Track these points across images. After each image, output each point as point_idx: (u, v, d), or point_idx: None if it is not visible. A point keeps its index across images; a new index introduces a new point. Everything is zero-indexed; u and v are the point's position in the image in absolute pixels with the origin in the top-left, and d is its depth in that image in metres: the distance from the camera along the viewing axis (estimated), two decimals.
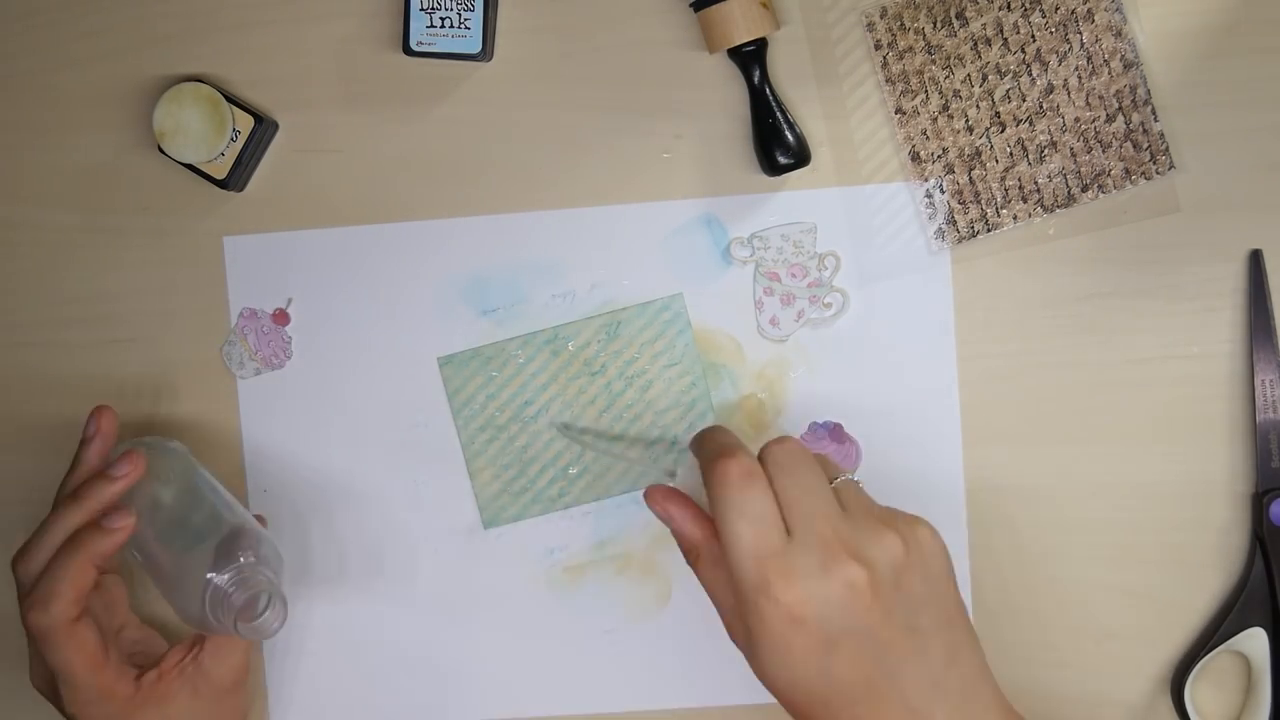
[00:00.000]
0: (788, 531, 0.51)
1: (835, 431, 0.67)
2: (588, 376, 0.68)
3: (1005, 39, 0.65)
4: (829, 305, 0.67)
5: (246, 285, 0.69)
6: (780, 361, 0.68)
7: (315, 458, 0.70)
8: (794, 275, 0.67)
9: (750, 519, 0.51)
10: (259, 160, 0.68)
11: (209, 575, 0.59)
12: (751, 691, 0.68)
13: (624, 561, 0.69)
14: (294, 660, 0.70)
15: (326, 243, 0.69)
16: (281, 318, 0.69)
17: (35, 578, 0.60)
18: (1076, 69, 0.65)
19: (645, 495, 0.57)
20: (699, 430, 0.57)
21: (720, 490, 0.52)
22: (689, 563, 0.56)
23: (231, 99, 0.66)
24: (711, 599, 0.55)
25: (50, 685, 0.62)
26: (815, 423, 0.68)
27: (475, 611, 0.70)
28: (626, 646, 0.69)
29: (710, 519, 0.55)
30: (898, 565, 0.51)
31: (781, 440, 0.54)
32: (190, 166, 0.67)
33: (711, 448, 0.54)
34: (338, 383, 0.69)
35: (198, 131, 0.65)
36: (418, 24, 0.65)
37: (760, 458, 0.53)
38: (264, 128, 0.67)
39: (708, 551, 0.55)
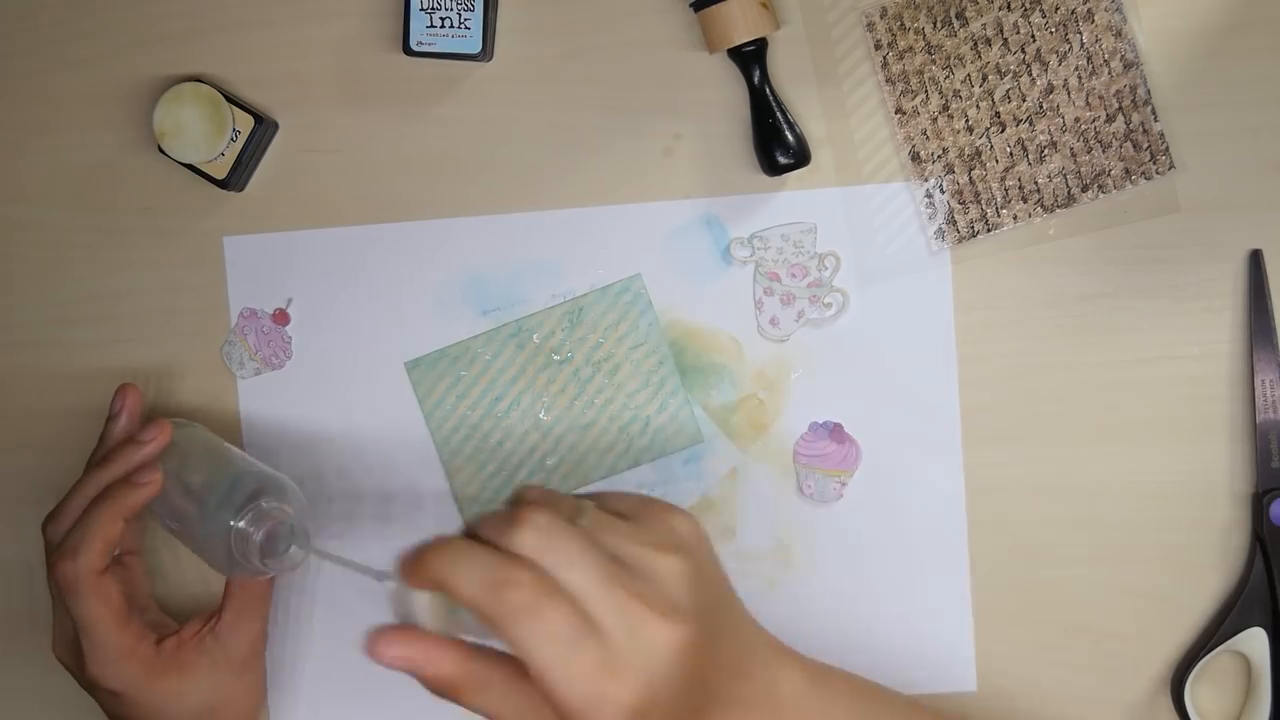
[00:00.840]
0: (590, 621, 0.45)
1: (835, 432, 0.67)
2: (555, 366, 0.68)
3: (1005, 39, 0.65)
4: (829, 305, 0.67)
5: (246, 285, 0.69)
6: (780, 361, 0.68)
7: (315, 457, 0.70)
8: (794, 275, 0.67)
9: (556, 641, 0.45)
10: (259, 160, 0.68)
11: (233, 523, 0.60)
12: None
13: None
14: (294, 662, 0.70)
15: (326, 243, 0.69)
16: (281, 318, 0.69)
17: (64, 534, 0.62)
18: (1076, 69, 0.65)
19: (372, 651, 0.47)
20: (412, 551, 0.48)
21: (511, 625, 0.45)
22: (456, 699, 0.48)
23: (231, 99, 0.66)
24: None
25: (73, 649, 0.63)
26: (815, 422, 0.68)
27: None
28: None
29: (455, 643, 0.48)
30: (688, 580, 0.47)
31: (525, 517, 0.46)
32: (190, 166, 0.67)
33: (476, 575, 0.46)
34: (337, 383, 0.69)
35: (198, 131, 0.65)
36: (418, 24, 0.65)
37: (515, 541, 0.46)
38: (264, 128, 0.67)
39: (475, 680, 0.47)
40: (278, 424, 0.69)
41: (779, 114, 0.65)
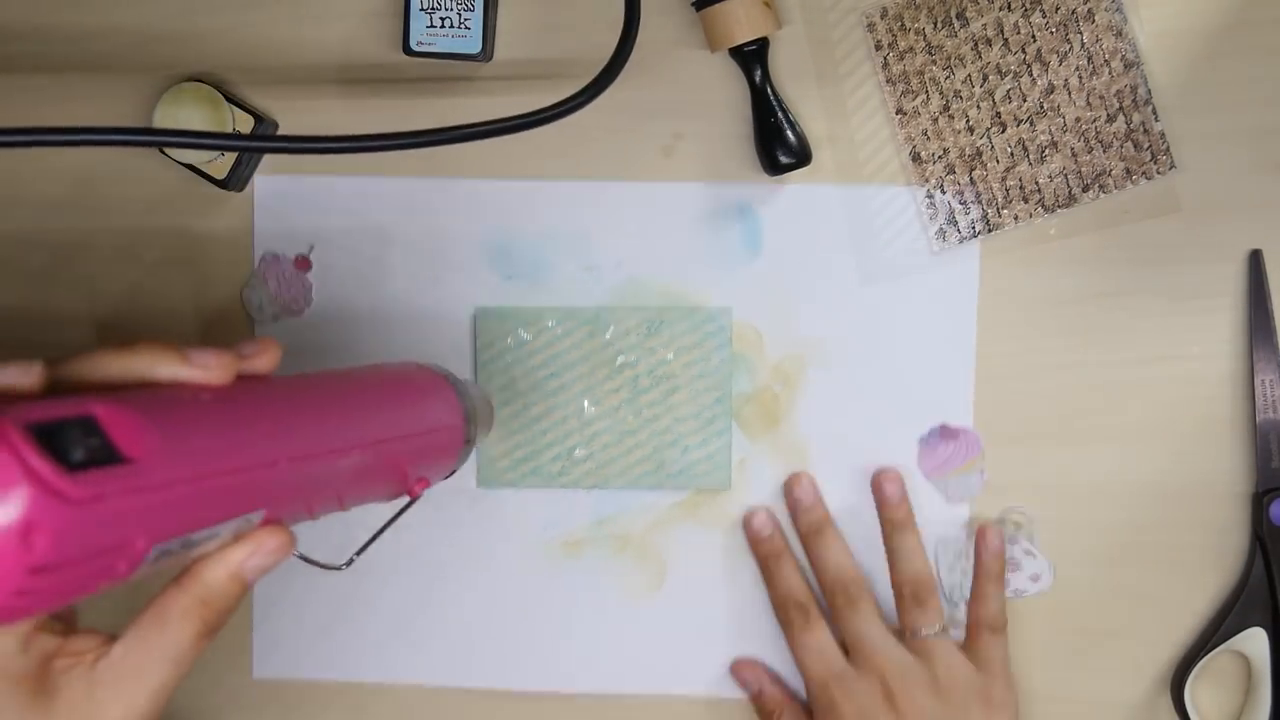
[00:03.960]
0: (848, 660, 0.64)
1: (944, 432, 0.67)
2: (615, 364, 0.68)
3: (1006, 39, 0.65)
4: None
5: (272, 229, 0.69)
6: (798, 358, 0.67)
7: None
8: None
9: (815, 652, 0.64)
10: (259, 160, 0.68)
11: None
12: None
13: (622, 542, 0.69)
14: (280, 607, 0.70)
15: (357, 191, 0.68)
16: (303, 264, 0.69)
17: None
18: (1077, 69, 0.65)
19: (733, 666, 0.68)
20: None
21: (787, 630, 0.66)
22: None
23: (231, 99, 0.66)
24: None
25: None
26: (921, 436, 0.67)
27: (467, 577, 0.69)
28: (617, 627, 0.69)
29: (784, 686, 0.68)
30: (940, 710, 0.62)
31: (841, 579, 0.65)
32: (190, 166, 0.67)
33: (779, 593, 0.66)
34: (355, 332, 0.69)
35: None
36: (418, 24, 0.65)
37: (825, 589, 0.66)
38: (264, 128, 0.67)
39: (788, 713, 0.66)
40: (293, 370, 0.69)
41: (780, 113, 0.65)
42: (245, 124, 0.66)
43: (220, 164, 0.66)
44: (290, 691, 0.70)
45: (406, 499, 0.52)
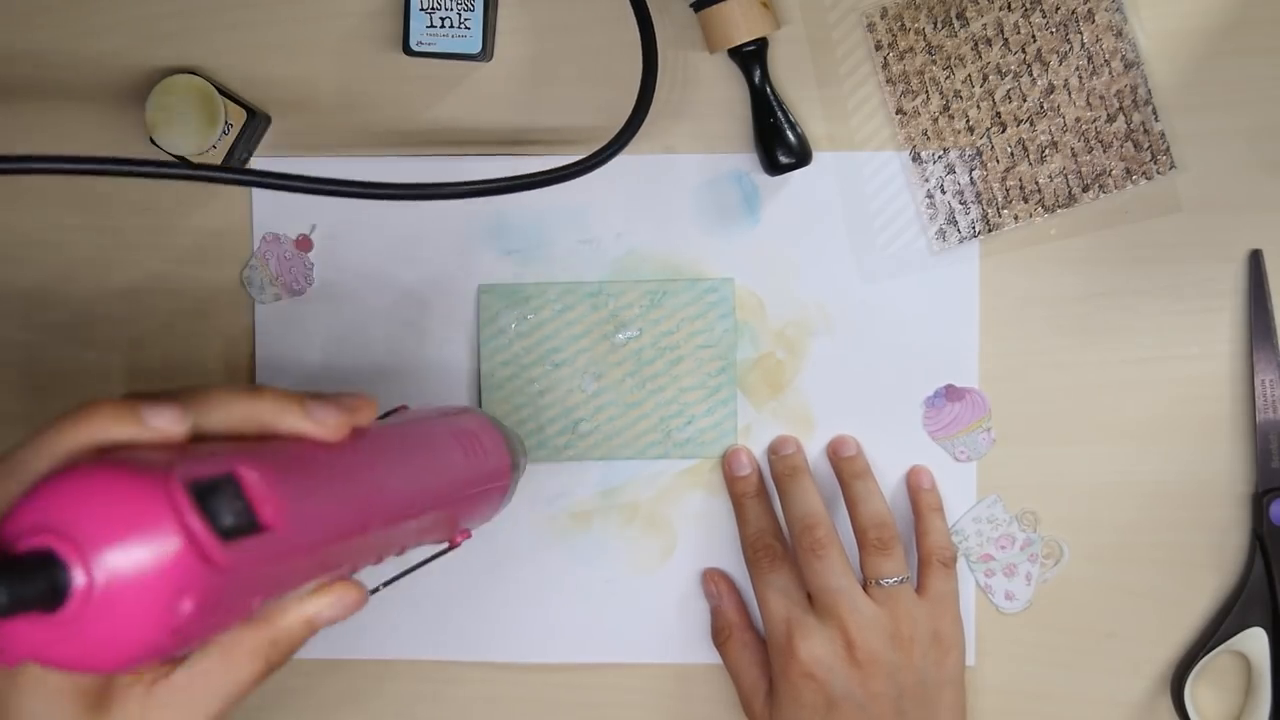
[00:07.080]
0: (811, 604, 0.63)
1: (950, 392, 0.67)
2: (620, 337, 0.68)
3: (1006, 39, 0.65)
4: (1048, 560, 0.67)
5: (271, 210, 0.68)
6: (801, 324, 0.67)
7: (330, 384, 0.68)
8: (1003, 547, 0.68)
9: (778, 592, 0.63)
10: (251, 153, 0.68)
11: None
12: None
13: (631, 512, 0.69)
14: None
15: (355, 172, 0.67)
16: (304, 244, 0.68)
17: None
18: (1077, 69, 0.65)
19: (703, 574, 0.68)
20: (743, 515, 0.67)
21: (754, 569, 0.65)
22: (718, 643, 0.67)
23: (224, 91, 0.66)
24: (734, 677, 0.66)
25: None
26: (927, 396, 0.67)
27: (474, 551, 0.68)
28: (625, 598, 0.69)
29: (744, 610, 0.67)
30: (899, 662, 0.61)
31: (810, 523, 0.63)
32: (182, 159, 0.66)
33: (749, 532, 0.66)
34: (356, 312, 0.68)
35: (189, 124, 0.65)
36: (418, 24, 0.64)
37: (794, 532, 0.64)
38: (257, 121, 0.66)
39: (738, 634, 0.66)
40: (294, 350, 0.69)
41: (780, 113, 0.65)
42: (238, 117, 0.66)
43: (212, 157, 0.66)
44: (299, 671, 0.70)
45: (446, 545, 0.54)
